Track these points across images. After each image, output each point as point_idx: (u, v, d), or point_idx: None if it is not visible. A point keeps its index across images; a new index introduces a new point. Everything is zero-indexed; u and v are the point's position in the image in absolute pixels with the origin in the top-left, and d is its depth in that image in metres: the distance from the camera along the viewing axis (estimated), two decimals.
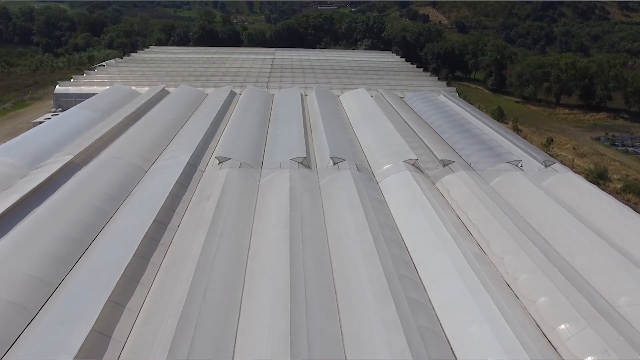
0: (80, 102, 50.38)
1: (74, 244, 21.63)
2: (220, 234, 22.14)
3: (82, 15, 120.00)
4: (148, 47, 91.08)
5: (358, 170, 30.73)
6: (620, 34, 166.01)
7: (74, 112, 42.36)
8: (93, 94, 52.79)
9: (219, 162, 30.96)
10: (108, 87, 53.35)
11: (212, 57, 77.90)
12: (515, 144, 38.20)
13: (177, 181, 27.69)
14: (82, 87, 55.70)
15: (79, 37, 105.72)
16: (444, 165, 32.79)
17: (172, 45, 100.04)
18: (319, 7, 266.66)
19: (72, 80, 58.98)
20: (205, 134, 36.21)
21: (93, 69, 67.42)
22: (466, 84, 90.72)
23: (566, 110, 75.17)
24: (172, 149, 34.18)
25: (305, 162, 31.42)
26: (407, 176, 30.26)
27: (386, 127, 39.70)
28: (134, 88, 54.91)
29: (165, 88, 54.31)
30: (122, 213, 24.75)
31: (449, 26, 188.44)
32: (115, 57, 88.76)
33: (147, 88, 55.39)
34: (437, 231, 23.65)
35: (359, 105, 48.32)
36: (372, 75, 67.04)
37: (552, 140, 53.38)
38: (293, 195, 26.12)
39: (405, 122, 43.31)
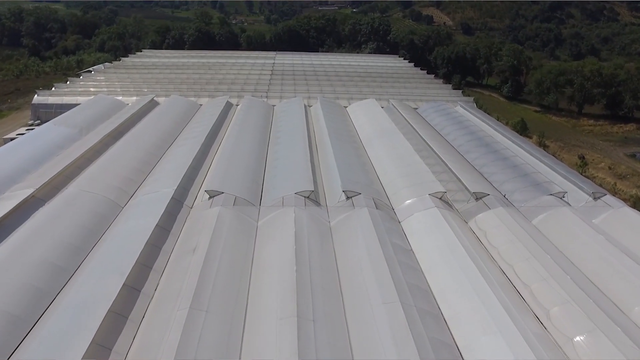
0: (61, 113, 45.46)
1: (12, 325, 16.51)
2: (207, 309, 17.04)
3: (73, 16, 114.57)
4: (141, 51, 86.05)
5: (376, 207, 25.62)
6: (631, 36, 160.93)
7: (47, 129, 37.23)
8: (75, 105, 47.77)
9: (210, 197, 25.86)
10: (91, 98, 48.20)
11: (208, 62, 72.78)
12: (553, 168, 33.09)
13: (157, 224, 22.60)
14: (64, 97, 50.53)
15: (69, 40, 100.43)
16: (477, 199, 27.72)
17: (166, 48, 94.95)
18: (319, 8, 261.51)
19: (53, 89, 53.84)
20: (194, 157, 31.09)
21: (78, 76, 62.30)
22: (479, 90, 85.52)
23: (591, 121, 69.84)
24: (156, 177, 29.06)
25: (313, 197, 26.31)
26: (435, 215, 25.17)
27: (404, 148, 34.59)
28: (120, 98, 49.85)
29: (155, 98, 49.25)
30: (83, 273, 19.63)
31: (454, 27, 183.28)
32: (105, 61, 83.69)
33: (135, 98, 50.39)
34: (486, 301, 18.55)
35: (370, 119, 43.22)
36: (381, 83, 61.96)
37: (583, 157, 48.35)
38: (300, 247, 21.03)
39: (424, 140, 38.19)
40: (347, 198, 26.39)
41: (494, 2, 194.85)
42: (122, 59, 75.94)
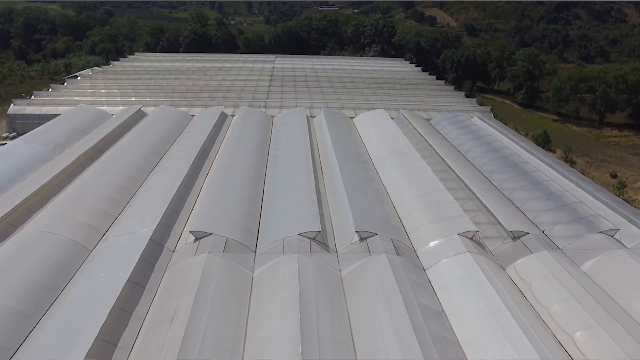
0: (40, 124, 41.13)
1: None
2: None
3: (64, 17, 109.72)
4: (133, 54, 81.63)
5: (396, 253, 21.21)
6: None
7: (15, 147, 32.80)
8: (56, 115, 43.47)
9: (196, 239, 21.46)
10: (71, 109, 43.78)
11: (203, 67, 68.39)
12: (595, 196, 28.70)
13: (128, 280, 18.19)
14: (43, 107, 46.10)
15: (59, 42, 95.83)
16: (514, 238, 23.34)
17: (161, 51, 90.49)
18: (320, 8, 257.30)
19: (32, 97, 49.42)
20: (181, 184, 26.65)
21: (62, 82, 57.90)
22: (490, 97, 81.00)
23: (615, 131, 65.26)
24: (134, 210, 24.63)
25: (320, 238, 21.90)
26: (468, 263, 20.79)
27: (422, 171, 30.17)
28: (104, 108, 45.48)
29: (143, 108, 44.89)
30: (26, 355, 15.21)
31: (458, 29, 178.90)
32: (96, 65, 79.33)
33: (121, 108, 46.03)
34: None
35: (380, 133, 38.82)
36: (388, 90, 57.60)
37: (615, 175, 44.06)
38: (306, 314, 16.69)
39: (442, 158, 33.79)
40: (361, 239, 22.02)
41: (498, 3, 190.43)
42: (112, 63, 71.50)
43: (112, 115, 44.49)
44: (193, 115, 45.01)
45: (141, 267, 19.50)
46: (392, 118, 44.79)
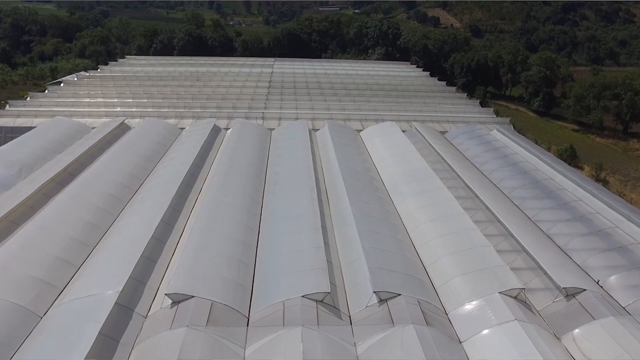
0: (13, 139, 36.80)
1: None
2: None
3: (53, 18, 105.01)
4: (124, 57, 77.19)
5: (426, 321, 16.80)
6: None
7: None
8: (31, 128, 39.10)
9: (173, 304, 17.07)
10: (47, 121, 39.38)
11: (198, 71, 63.99)
12: None
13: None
14: (17, 119, 41.72)
15: (48, 44, 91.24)
16: (568, 296, 18.96)
17: (154, 53, 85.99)
18: (320, 9, 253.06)
19: (7, 107, 44.99)
20: (160, 223, 22.21)
21: (44, 90, 53.49)
22: (503, 103, 76.43)
23: None
24: (100, 260, 20.21)
25: (329, 300, 17.50)
26: (517, 335, 16.43)
27: (445, 202, 25.78)
28: (85, 121, 41.13)
29: (127, 121, 40.54)
30: None
31: (462, 29, 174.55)
32: (86, 68, 75.11)
33: (104, 120, 41.65)
34: None
35: (393, 152, 34.42)
36: (397, 98, 53.25)
37: None
38: None
39: (466, 184, 29.45)
40: (381, 301, 17.63)
41: (503, 3, 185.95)
42: (101, 67, 67.14)
43: (94, 128, 40.14)
44: (183, 128, 40.67)
45: (101, 344, 15.12)
46: (403, 131, 40.49)
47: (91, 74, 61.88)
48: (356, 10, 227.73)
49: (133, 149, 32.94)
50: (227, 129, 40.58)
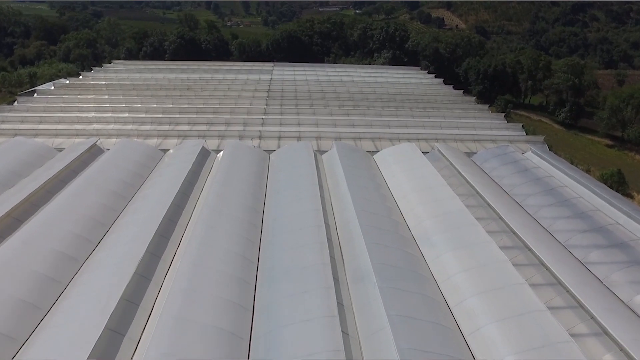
0: None
1: None
2: None
3: (38, 19, 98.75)
4: (110, 62, 71.11)
5: None
6: None
7: None
8: None
9: None
10: (5, 142, 33.40)
11: (189, 78, 58.14)
12: None
13: None
14: None
15: (31, 46, 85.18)
16: None
17: (143, 57, 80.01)
18: (320, 9, 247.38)
19: None
20: (127, 286, 16.44)
21: (13, 101, 47.49)
22: (524, 113, 70.34)
23: None
24: (48, 337, 14.31)
25: None
26: None
27: (496, 265, 19.90)
28: (53, 141, 35.27)
29: (104, 141, 34.67)
30: None
31: (467, 31, 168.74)
32: (69, 74, 69.21)
33: (75, 140, 35.80)
34: None
35: (417, 186, 28.44)
36: (411, 110, 47.48)
37: None
38: None
39: (512, 229, 23.60)
40: None
41: (510, 4, 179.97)
42: (83, 74, 61.15)
43: (62, 149, 34.26)
44: (166, 150, 34.75)
45: None
46: (423, 152, 34.64)
47: (71, 82, 55.86)
48: (357, 11, 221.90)
49: (103, 182, 26.99)
50: (218, 150, 34.69)
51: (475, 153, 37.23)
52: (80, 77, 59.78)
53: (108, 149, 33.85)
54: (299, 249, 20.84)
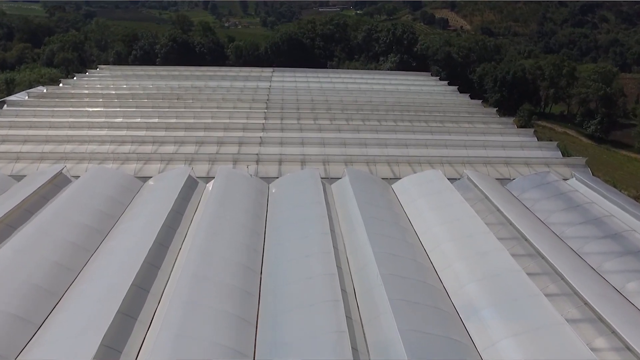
0: None
1: None
2: None
3: (22, 19, 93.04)
4: (96, 68, 65.67)
5: None
6: None
7: None
8: None
9: None
10: None
11: (179, 87, 52.70)
12: None
13: None
14: None
15: (14, 49, 79.73)
16: None
17: (133, 62, 74.55)
18: (320, 9, 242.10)
19: None
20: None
21: None
22: (546, 124, 64.87)
23: None
24: None
25: None
26: None
27: (551, 329, 14.54)
28: (13, 167, 29.94)
29: (67, 170, 29.23)
30: None
31: (472, 32, 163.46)
32: (52, 80, 63.79)
33: (39, 165, 30.46)
34: None
35: (452, 232, 23.03)
36: (428, 124, 42.30)
37: None
38: None
39: (567, 281, 18.33)
40: None
41: (516, 4, 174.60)
42: (64, 81, 55.73)
43: (24, 177, 28.92)
44: (147, 178, 29.34)
45: None
46: (450, 179, 29.31)
47: (48, 91, 50.41)
48: (358, 11, 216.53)
49: (67, 217, 21.65)
50: (207, 178, 29.32)
51: (509, 179, 31.97)
52: (61, 84, 54.36)
53: (78, 177, 28.49)
54: (306, 321, 15.58)
